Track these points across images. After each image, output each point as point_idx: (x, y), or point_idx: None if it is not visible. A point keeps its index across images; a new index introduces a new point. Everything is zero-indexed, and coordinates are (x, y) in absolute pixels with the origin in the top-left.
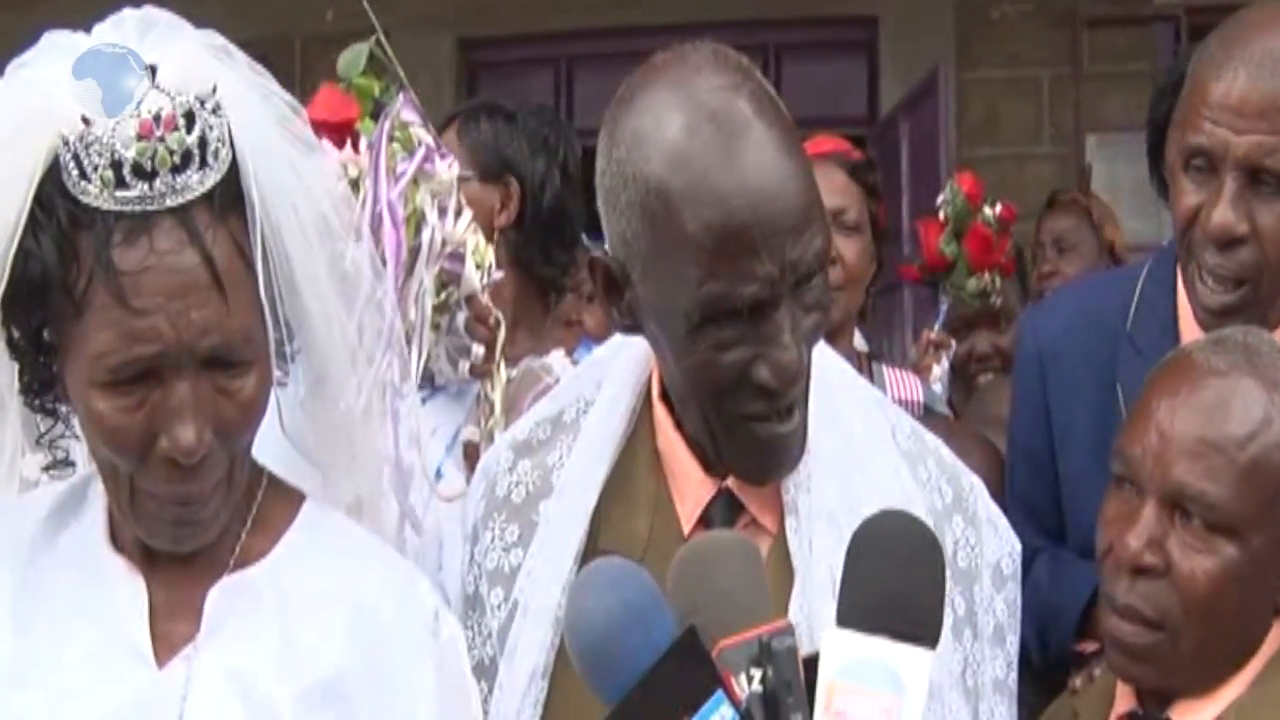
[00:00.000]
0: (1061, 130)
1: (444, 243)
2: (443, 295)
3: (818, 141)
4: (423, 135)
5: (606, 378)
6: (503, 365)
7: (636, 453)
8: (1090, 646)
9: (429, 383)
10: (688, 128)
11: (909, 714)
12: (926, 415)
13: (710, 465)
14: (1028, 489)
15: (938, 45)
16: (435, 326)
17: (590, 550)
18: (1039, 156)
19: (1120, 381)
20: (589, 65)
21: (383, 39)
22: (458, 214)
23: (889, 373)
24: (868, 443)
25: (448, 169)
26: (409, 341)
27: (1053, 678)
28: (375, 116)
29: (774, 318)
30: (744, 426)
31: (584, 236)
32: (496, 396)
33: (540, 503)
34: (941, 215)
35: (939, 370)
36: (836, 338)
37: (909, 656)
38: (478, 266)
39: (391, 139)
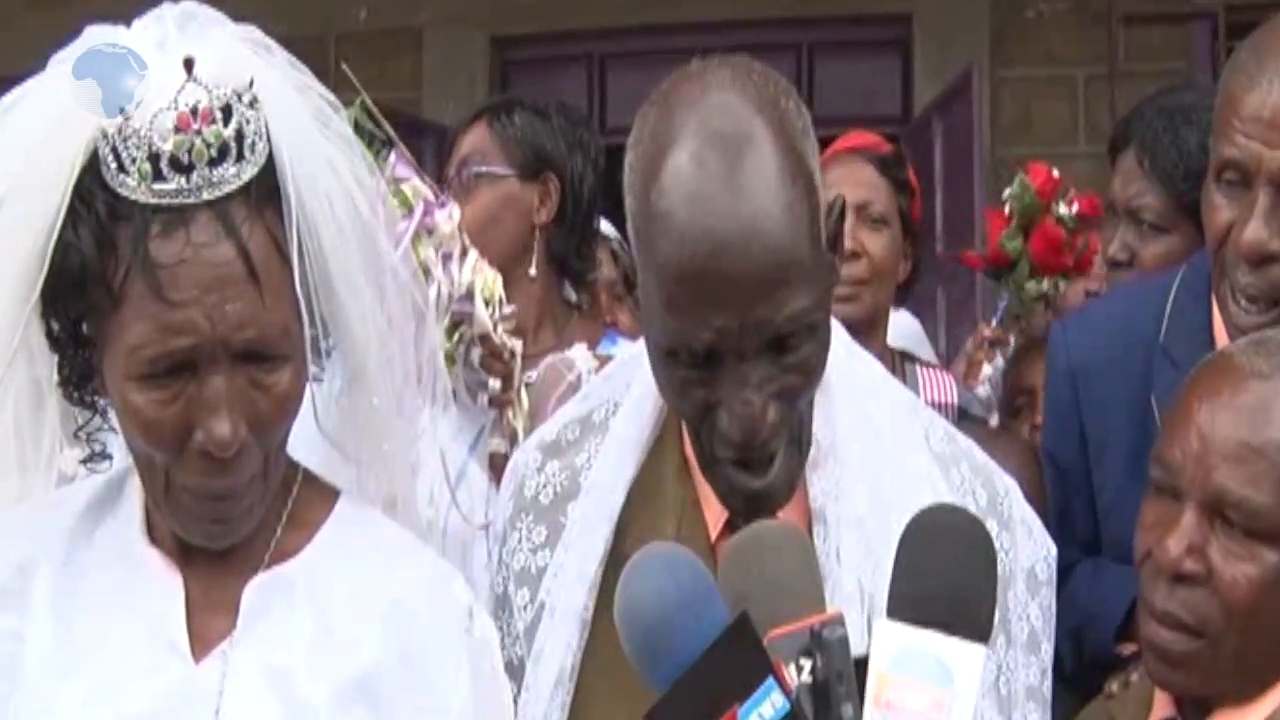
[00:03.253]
0: (1097, 129)
1: (450, 296)
2: (456, 336)
3: (850, 136)
4: (420, 188)
5: (635, 378)
6: (523, 392)
7: (664, 456)
8: (1130, 648)
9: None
10: (680, 156)
11: (960, 708)
12: (961, 419)
13: None
14: (1062, 503)
15: (972, 43)
16: (451, 361)
17: (617, 553)
18: (1074, 156)
19: (1155, 393)
20: (621, 63)
21: (368, 101)
22: (463, 255)
23: (923, 373)
24: (899, 448)
25: (448, 219)
26: (427, 393)
27: (1088, 683)
28: None
29: (736, 369)
30: (720, 468)
31: (615, 231)
32: (519, 424)
33: (568, 504)
34: (1007, 209)
35: (989, 370)
36: (868, 335)
37: (961, 651)
38: (487, 303)
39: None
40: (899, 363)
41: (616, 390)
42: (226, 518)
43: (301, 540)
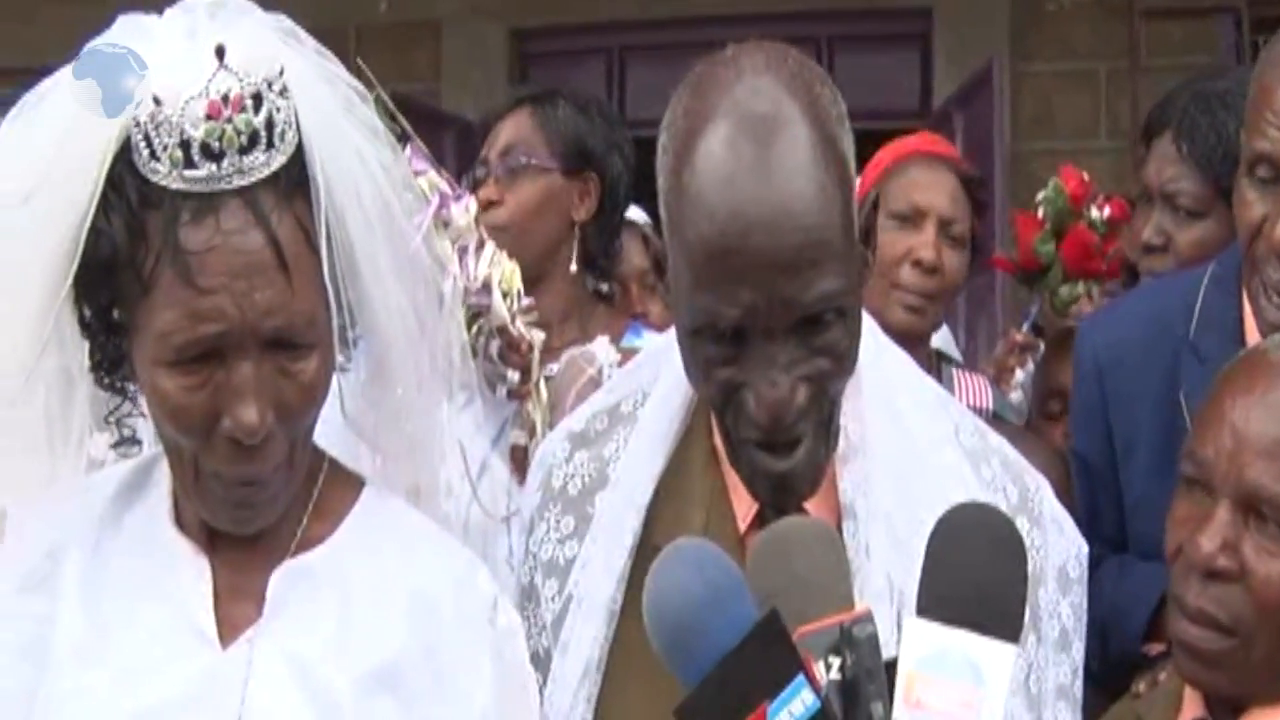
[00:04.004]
0: (1118, 124)
1: (466, 290)
2: (474, 329)
3: (930, 139)
4: (436, 181)
5: (664, 369)
6: (542, 384)
7: (693, 447)
8: (1157, 648)
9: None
10: (713, 137)
11: (990, 708)
12: (994, 423)
13: None
14: (1089, 500)
15: (992, 37)
16: (472, 353)
17: (645, 544)
18: (1095, 151)
19: (1184, 391)
20: (641, 56)
21: (383, 94)
22: (479, 247)
23: (958, 376)
24: (929, 443)
25: (464, 211)
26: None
27: (1114, 682)
28: None
29: (763, 349)
30: (745, 449)
31: (643, 216)
32: (538, 416)
33: (596, 495)
34: (1040, 213)
35: (1021, 375)
36: (917, 346)
37: (991, 650)
38: (505, 295)
39: None
40: (935, 363)
41: (644, 381)
42: (253, 503)
43: (327, 529)
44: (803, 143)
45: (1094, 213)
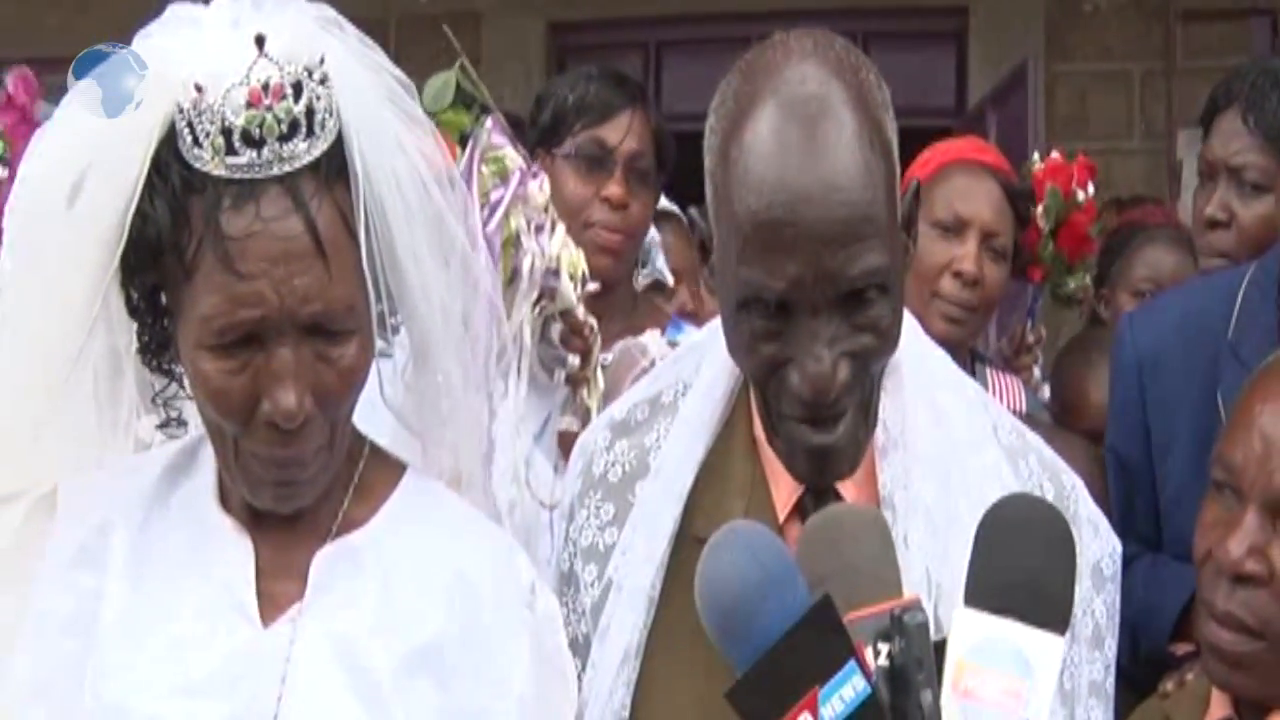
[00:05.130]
0: (1153, 125)
1: (544, 268)
2: (537, 310)
3: (977, 146)
4: (514, 158)
5: (705, 360)
6: (599, 371)
7: (733, 437)
8: (1184, 649)
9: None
10: (761, 117)
11: (1037, 698)
12: (1029, 422)
13: None
14: (1124, 499)
15: (1028, 37)
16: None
17: (685, 533)
18: (1129, 152)
19: (1222, 392)
20: (678, 50)
21: (467, 64)
22: (551, 229)
23: (993, 376)
24: (968, 439)
25: (540, 190)
26: (508, 371)
27: (1141, 680)
28: (463, 143)
29: (807, 323)
30: (786, 424)
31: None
32: (594, 403)
33: (636, 483)
34: (1041, 222)
35: (1038, 372)
36: (955, 349)
37: (1039, 641)
38: (571, 278)
39: (482, 165)
40: (970, 361)
41: (686, 372)
42: (293, 482)
43: (368, 511)
44: (848, 124)
45: (1080, 195)
